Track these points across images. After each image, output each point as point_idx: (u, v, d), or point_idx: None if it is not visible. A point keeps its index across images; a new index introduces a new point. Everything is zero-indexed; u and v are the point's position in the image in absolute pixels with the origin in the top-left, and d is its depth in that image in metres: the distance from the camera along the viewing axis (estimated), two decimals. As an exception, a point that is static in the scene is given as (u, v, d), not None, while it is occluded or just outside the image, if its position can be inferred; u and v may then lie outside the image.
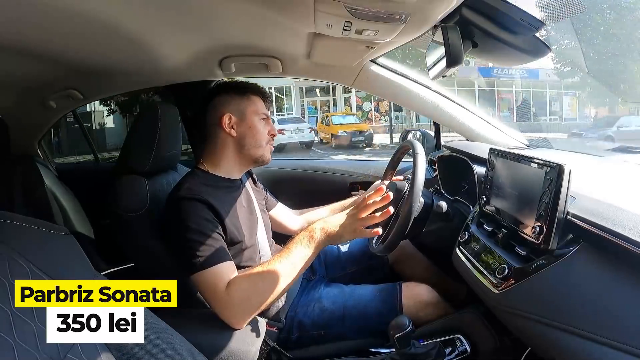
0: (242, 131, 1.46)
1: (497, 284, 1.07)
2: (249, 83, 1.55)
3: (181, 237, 1.25)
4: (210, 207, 1.30)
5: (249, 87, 1.52)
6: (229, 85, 1.52)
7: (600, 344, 0.79)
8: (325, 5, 1.07)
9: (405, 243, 1.73)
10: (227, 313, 1.19)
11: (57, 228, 0.95)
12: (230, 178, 1.48)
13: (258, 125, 1.48)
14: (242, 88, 1.51)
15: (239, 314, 1.19)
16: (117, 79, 1.92)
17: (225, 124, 1.44)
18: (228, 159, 1.47)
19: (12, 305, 0.74)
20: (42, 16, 1.08)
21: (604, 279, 0.85)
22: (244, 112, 1.47)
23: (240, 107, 1.47)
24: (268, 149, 1.51)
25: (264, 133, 1.49)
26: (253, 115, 1.47)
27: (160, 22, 1.32)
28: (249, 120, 1.47)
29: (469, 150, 1.64)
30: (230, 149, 1.47)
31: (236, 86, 1.51)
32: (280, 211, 1.87)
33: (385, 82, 1.96)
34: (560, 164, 0.92)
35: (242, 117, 1.46)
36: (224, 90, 1.50)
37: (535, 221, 0.98)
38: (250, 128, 1.46)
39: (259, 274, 1.22)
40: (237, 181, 1.51)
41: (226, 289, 1.19)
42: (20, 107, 2.06)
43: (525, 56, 1.35)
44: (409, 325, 1.21)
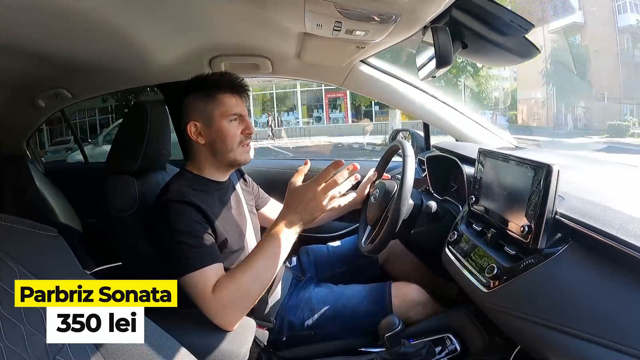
0: (210, 137, 1.38)
1: (487, 283, 1.07)
2: (219, 77, 1.41)
3: (169, 239, 1.22)
4: (199, 209, 1.28)
5: (217, 84, 1.39)
6: (196, 85, 1.41)
7: (589, 342, 0.80)
8: (316, 5, 1.07)
9: (395, 243, 1.74)
10: (217, 317, 1.16)
11: (45, 228, 0.94)
12: (217, 180, 1.44)
13: (227, 128, 1.37)
14: (210, 87, 1.39)
15: (230, 316, 1.17)
16: (106, 78, 1.91)
17: (191, 132, 1.37)
18: (207, 164, 1.42)
19: (0, 307, 0.74)
20: (31, 14, 1.07)
21: (592, 277, 0.86)
22: (211, 116, 1.37)
23: (206, 111, 1.37)
24: (242, 151, 1.42)
25: (235, 135, 1.39)
26: (220, 119, 1.37)
27: (150, 20, 1.32)
28: (216, 125, 1.37)
29: (458, 150, 1.65)
30: (205, 154, 1.40)
31: (203, 86, 1.40)
32: (272, 208, 1.84)
33: (374, 83, 1.96)
34: (548, 164, 0.93)
35: (208, 122, 1.37)
36: (191, 92, 1.41)
37: (524, 221, 0.99)
38: (218, 132, 1.37)
39: (242, 272, 1.18)
40: (224, 183, 1.47)
41: (213, 292, 1.16)
42: (9, 106, 2.04)
43: (514, 57, 1.36)
44: (399, 324, 1.22)
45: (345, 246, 1.93)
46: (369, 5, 1.05)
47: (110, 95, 7.99)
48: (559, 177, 0.92)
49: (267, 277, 1.20)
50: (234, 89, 1.41)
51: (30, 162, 2.41)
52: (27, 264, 0.83)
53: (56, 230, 0.96)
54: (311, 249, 1.92)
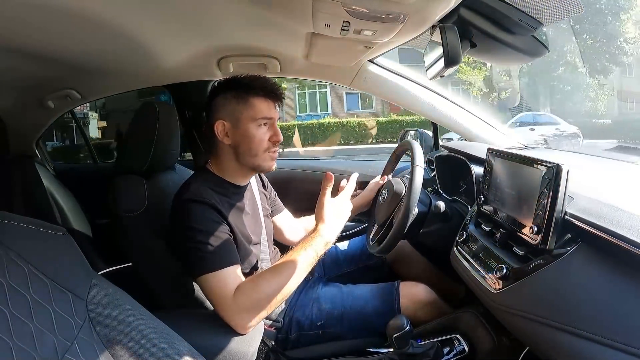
0: (236, 139, 1.36)
1: (495, 283, 1.07)
2: (253, 80, 1.38)
3: (188, 238, 1.22)
4: (218, 211, 1.28)
5: (250, 87, 1.37)
6: (228, 85, 1.39)
7: (599, 344, 0.79)
8: (324, 5, 1.07)
9: (404, 243, 1.73)
10: (234, 320, 1.16)
11: (55, 228, 0.95)
12: (237, 184, 1.43)
13: (253, 132, 1.35)
14: (242, 89, 1.37)
15: (246, 320, 1.16)
16: (115, 79, 1.92)
17: (218, 131, 1.36)
18: (229, 165, 1.41)
19: (10, 306, 0.74)
20: (40, 16, 1.08)
21: (602, 278, 0.85)
22: (239, 118, 1.35)
23: (235, 112, 1.35)
24: (267, 158, 1.39)
25: (262, 140, 1.36)
26: (248, 122, 1.35)
27: (159, 21, 1.32)
28: (243, 128, 1.35)
29: (467, 150, 1.65)
30: (228, 156, 1.39)
31: (235, 86, 1.38)
32: (284, 219, 1.84)
33: (383, 82, 1.96)
34: (558, 163, 0.92)
35: (236, 123, 1.35)
36: (222, 91, 1.39)
37: (533, 221, 0.98)
38: (244, 136, 1.35)
39: (266, 280, 1.19)
40: (244, 187, 1.46)
41: (233, 295, 1.16)
42: (18, 107, 2.05)
43: (523, 56, 1.36)
44: (407, 325, 1.21)
45: (353, 246, 1.93)
46: (377, 5, 1.04)
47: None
48: (569, 177, 0.92)
49: (291, 289, 1.21)
50: (267, 94, 1.38)
51: (39, 163, 2.43)
52: (37, 263, 0.84)
53: (65, 230, 0.97)
54: None
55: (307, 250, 1.22)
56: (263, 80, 1.39)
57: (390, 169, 1.83)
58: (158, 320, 1.00)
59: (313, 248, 1.23)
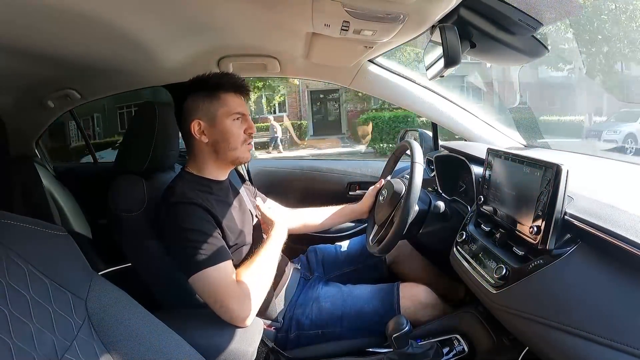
0: (214, 136, 1.39)
1: (495, 283, 1.07)
2: (221, 78, 1.41)
3: (181, 239, 1.23)
4: (206, 210, 1.29)
5: (220, 85, 1.40)
6: (197, 86, 1.41)
7: (598, 344, 0.79)
8: (324, 5, 1.07)
9: (403, 243, 1.73)
10: (240, 307, 1.18)
11: (55, 228, 0.95)
12: (217, 180, 1.46)
13: (230, 127, 1.39)
14: (212, 87, 1.40)
15: (247, 308, 1.18)
16: (114, 79, 1.92)
17: (194, 131, 1.38)
18: (208, 163, 1.43)
19: (10, 306, 0.74)
20: (40, 16, 1.08)
21: (602, 279, 0.85)
22: (215, 115, 1.38)
23: (210, 110, 1.38)
24: (245, 149, 1.44)
25: (239, 134, 1.41)
26: (224, 118, 1.38)
27: (159, 22, 1.32)
28: (220, 124, 1.38)
29: (467, 150, 1.65)
30: (207, 154, 1.42)
31: (205, 86, 1.40)
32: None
33: (382, 82, 1.96)
34: (557, 164, 0.93)
35: (212, 121, 1.38)
36: (193, 92, 1.41)
37: (532, 221, 0.98)
38: (222, 132, 1.39)
39: (259, 268, 1.28)
40: (225, 182, 1.49)
41: (238, 283, 1.20)
42: (18, 107, 2.05)
43: (523, 57, 1.35)
44: (406, 325, 1.22)
45: (353, 246, 1.93)
46: (377, 5, 1.04)
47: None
48: (569, 177, 0.92)
49: (274, 271, 1.34)
50: (237, 89, 1.43)
51: (39, 163, 2.43)
52: (36, 263, 0.84)
53: (65, 230, 0.97)
54: (319, 248, 1.92)
55: (280, 235, 1.41)
56: (230, 76, 1.43)
57: (389, 169, 1.83)
58: (157, 320, 1.00)
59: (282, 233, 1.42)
